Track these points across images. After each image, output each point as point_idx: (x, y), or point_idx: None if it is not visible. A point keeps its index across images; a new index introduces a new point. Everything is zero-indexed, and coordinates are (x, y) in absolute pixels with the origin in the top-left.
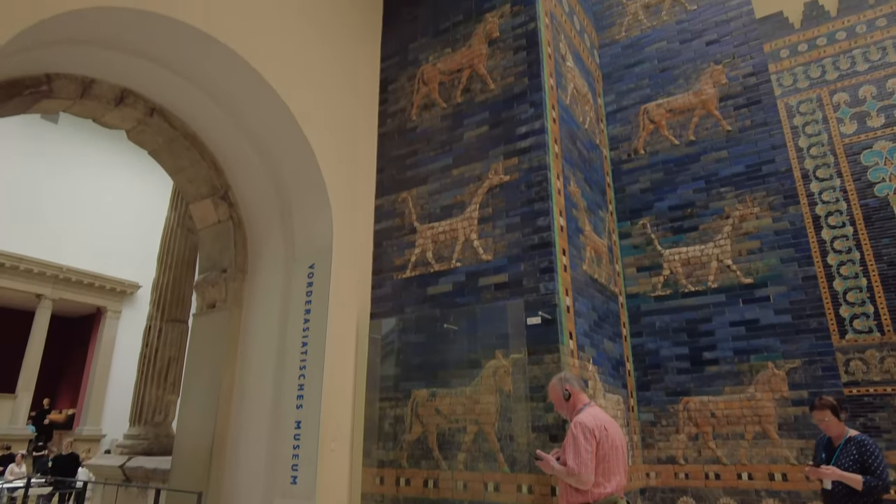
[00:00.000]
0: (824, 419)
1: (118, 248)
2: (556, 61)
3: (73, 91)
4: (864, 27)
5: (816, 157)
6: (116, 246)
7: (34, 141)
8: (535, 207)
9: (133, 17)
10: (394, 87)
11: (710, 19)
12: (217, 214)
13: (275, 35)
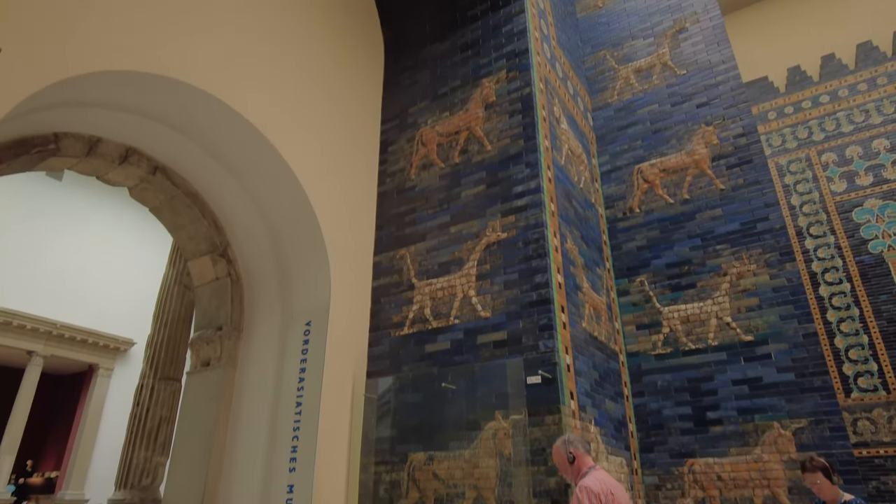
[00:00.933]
0: (816, 482)
1: (114, 305)
2: (550, 124)
3: (80, 149)
4: (845, 91)
5: (809, 214)
6: (113, 302)
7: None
8: (532, 264)
9: (138, 79)
10: (393, 148)
11: (699, 83)
12: (215, 271)
13: (278, 97)
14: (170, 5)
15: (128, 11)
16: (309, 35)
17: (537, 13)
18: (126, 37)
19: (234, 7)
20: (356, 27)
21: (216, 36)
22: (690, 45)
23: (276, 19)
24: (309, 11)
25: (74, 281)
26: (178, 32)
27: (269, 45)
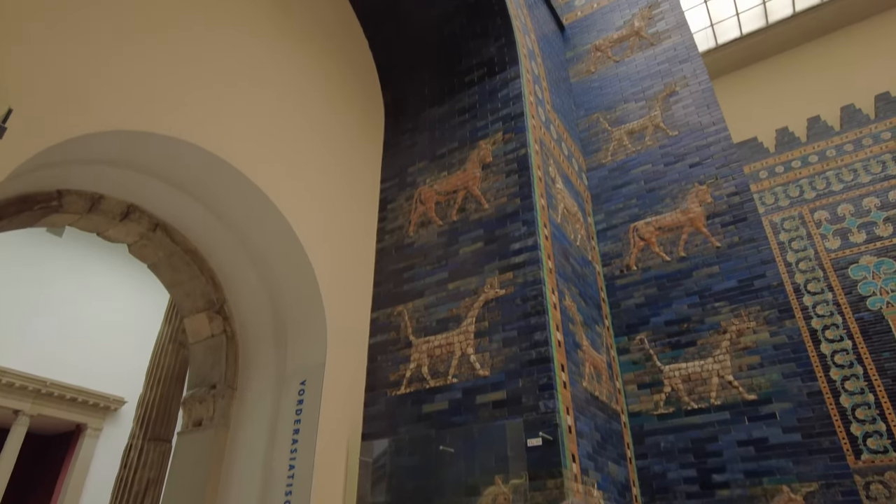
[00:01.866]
0: None
1: (106, 362)
2: (546, 183)
3: (82, 206)
4: (833, 151)
5: (806, 271)
6: (105, 359)
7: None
8: (531, 321)
9: (143, 138)
10: (393, 206)
11: (691, 144)
12: (211, 328)
13: (280, 156)
14: (173, 66)
15: (134, 72)
16: (312, 97)
17: (532, 79)
18: (131, 96)
19: (237, 68)
20: (358, 91)
21: (218, 95)
22: (681, 107)
23: (278, 81)
24: (312, 74)
25: (67, 337)
26: (181, 92)
27: (272, 104)
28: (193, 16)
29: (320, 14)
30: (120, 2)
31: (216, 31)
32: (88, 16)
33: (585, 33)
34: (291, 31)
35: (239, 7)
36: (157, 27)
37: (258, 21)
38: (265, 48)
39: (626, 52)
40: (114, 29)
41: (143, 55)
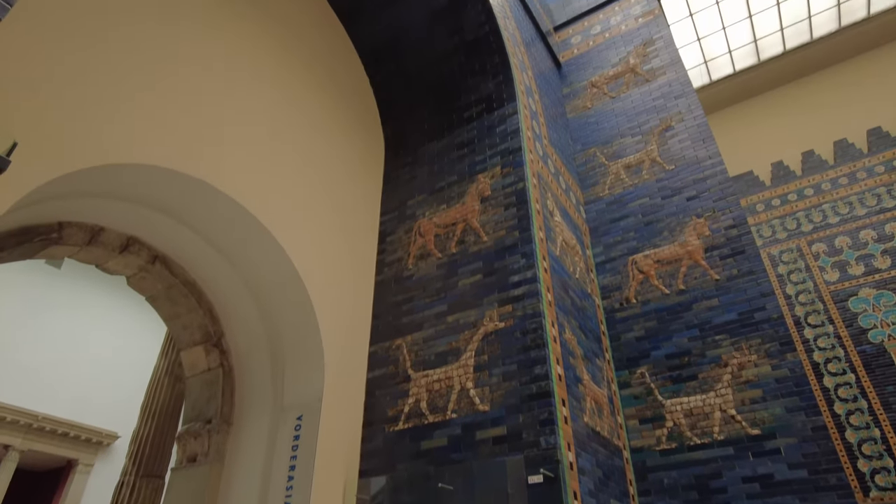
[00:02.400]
0: None
1: (100, 396)
2: (544, 216)
3: (82, 238)
4: (828, 185)
5: (805, 303)
6: (99, 393)
7: (31, 285)
8: (531, 355)
9: (145, 172)
10: (392, 238)
11: (687, 178)
12: (208, 361)
13: (281, 189)
14: (175, 100)
15: (136, 106)
16: (312, 131)
17: (529, 114)
18: (133, 130)
19: (239, 103)
20: (358, 125)
21: (219, 129)
22: (677, 141)
23: (280, 115)
24: (313, 109)
25: (61, 370)
26: (182, 126)
27: (273, 138)
28: (195, 52)
29: (322, 51)
30: (122, 38)
31: (217, 67)
32: (91, 51)
33: (582, 70)
34: (293, 66)
35: (240, 44)
36: (160, 63)
37: (260, 57)
38: (267, 83)
39: (622, 89)
40: (116, 64)
41: (146, 90)
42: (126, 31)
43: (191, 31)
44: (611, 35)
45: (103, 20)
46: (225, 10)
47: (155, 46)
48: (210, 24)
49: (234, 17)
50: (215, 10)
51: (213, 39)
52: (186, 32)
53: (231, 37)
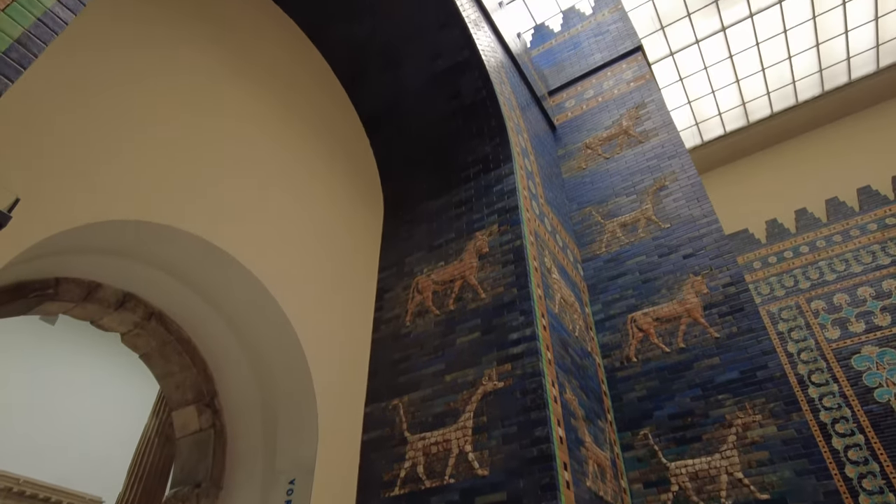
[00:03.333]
0: None
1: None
2: (542, 274)
3: (78, 294)
4: (823, 242)
5: (808, 361)
6: (85, 455)
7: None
8: (531, 416)
9: (144, 228)
10: (390, 295)
11: (683, 236)
12: (199, 422)
13: (279, 247)
14: (175, 157)
15: (136, 162)
16: (311, 189)
17: (525, 174)
18: (133, 186)
19: (239, 161)
20: (357, 184)
21: (219, 186)
22: (672, 200)
23: (280, 173)
24: (312, 167)
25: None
26: (181, 182)
27: (272, 196)
28: (195, 108)
29: (323, 111)
30: (121, 94)
31: (217, 125)
32: (90, 107)
33: (576, 132)
34: (294, 125)
35: (242, 102)
36: (160, 119)
37: (261, 116)
38: (267, 141)
39: (616, 150)
40: (115, 120)
41: (145, 147)
42: (125, 89)
43: (192, 88)
44: (604, 99)
45: (103, 79)
46: (226, 68)
47: (154, 104)
48: (211, 80)
49: (236, 74)
50: (216, 68)
51: (213, 97)
52: (187, 89)
53: (232, 95)
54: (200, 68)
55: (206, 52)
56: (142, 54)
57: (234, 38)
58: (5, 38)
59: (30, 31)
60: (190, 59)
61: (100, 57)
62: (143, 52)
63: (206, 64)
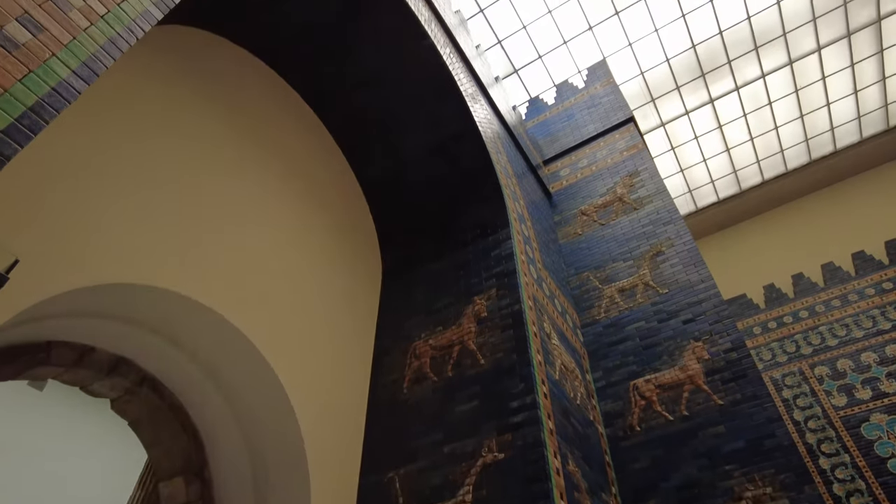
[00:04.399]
0: None
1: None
2: (541, 339)
3: (69, 359)
4: (822, 307)
5: (816, 430)
6: None
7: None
8: (533, 489)
9: (142, 292)
10: (387, 360)
11: (682, 301)
12: (188, 494)
13: (273, 310)
14: (170, 219)
15: (131, 225)
16: (309, 252)
17: (522, 240)
18: (130, 249)
19: (236, 223)
20: (356, 248)
21: (216, 252)
22: (669, 266)
23: (278, 237)
24: (312, 230)
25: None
26: (177, 248)
27: (269, 259)
28: (192, 170)
29: (322, 176)
30: (114, 156)
31: (215, 187)
32: (82, 170)
33: (571, 199)
34: (293, 187)
35: (242, 165)
36: (158, 181)
37: (260, 179)
38: (266, 205)
39: (612, 216)
40: (109, 182)
41: (143, 209)
42: (123, 150)
43: (190, 151)
44: (598, 168)
45: (101, 140)
46: (226, 131)
47: (152, 166)
48: (211, 143)
49: (232, 139)
50: (216, 131)
51: (212, 160)
52: (185, 152)
53: (231, 158)
54: (199, 131)
55: (205, 115)
56: (140, 116)
57: (234, 102)
58: (19, 105)
59: (43, 99)
60: (189, 122)
61: (97, 119)
62: (141, 114)
63: (205, 126)
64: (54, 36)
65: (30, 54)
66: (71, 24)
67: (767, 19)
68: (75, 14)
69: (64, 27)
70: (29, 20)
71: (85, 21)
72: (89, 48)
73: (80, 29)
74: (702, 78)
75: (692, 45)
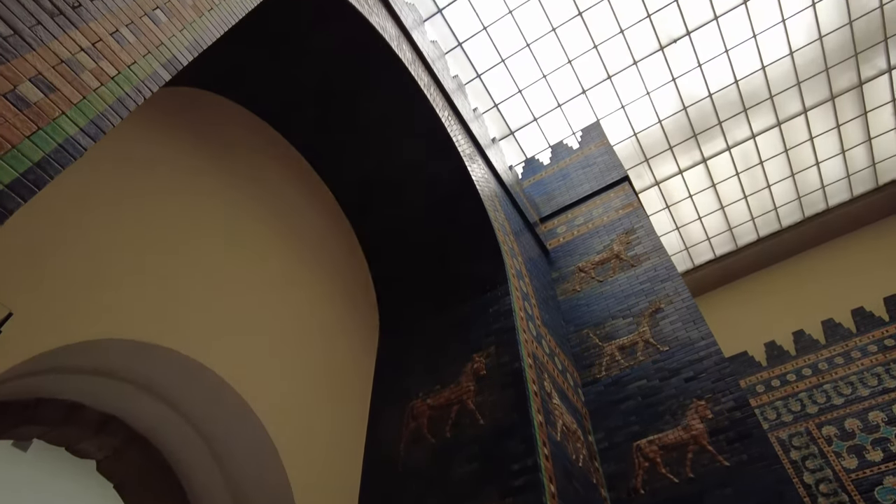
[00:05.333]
0: None
1: None
2: (542, 398)
3: (58, 416)
4: (825, 364)
5: (829, 494)
6: None
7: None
8: None
9: (138, 348)
10: (383, 420)
11: (683, 359)
12: None
13: (267, 367)
14: (162, 278)
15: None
16: (307, 310)
17: (521, 296)
18: (125, 304)
19: (231, 284)
20: (355, 304)
21: (210, 308)
22: (669, 323)
23: (272, 296)
24: (309, 288)
25: None
26: (171, 304)
27: (263, 317)
28: (185, 230)
29: (321, 233)
30: (110, 214)
31: (209, 246)
32: (76, 228)
33: (569, 256)
34: (289, 243)
35: (237, 222)
36: (154, 239)
37: (256, 235)
38: (261, 262)
39: (609, 273)
40: (106, 240)
41: (138, 267)
42: (114, 212)
43: (181, 214)
44: (594, 225)
45: (89, 202)
46: (223, 189)
47: (146, 223)
48: (202, 204)
49: (229, 197)
50: (214, 191)
51: (203, 220)
52: (176, 214)
53: (224, 217)
54: (195, 188)
55: (202, 173)
56: (137, 177)
57: (231, 157)
58: (25, 161)
59: (50, 155)
60: (185, 181)
61: (93, 177)
62: (139, 174)
63: (201, 184)
64: (65, 95)
65: (40, 112)
66: (82, 84)
67: (754, 83)
68: (87, 75)
69: (75, 87)
70: (42, 80)
71: (95, 82)
72: (98, 107)
73: (91, 89)
74: (694, 138)
75: (683, 108)
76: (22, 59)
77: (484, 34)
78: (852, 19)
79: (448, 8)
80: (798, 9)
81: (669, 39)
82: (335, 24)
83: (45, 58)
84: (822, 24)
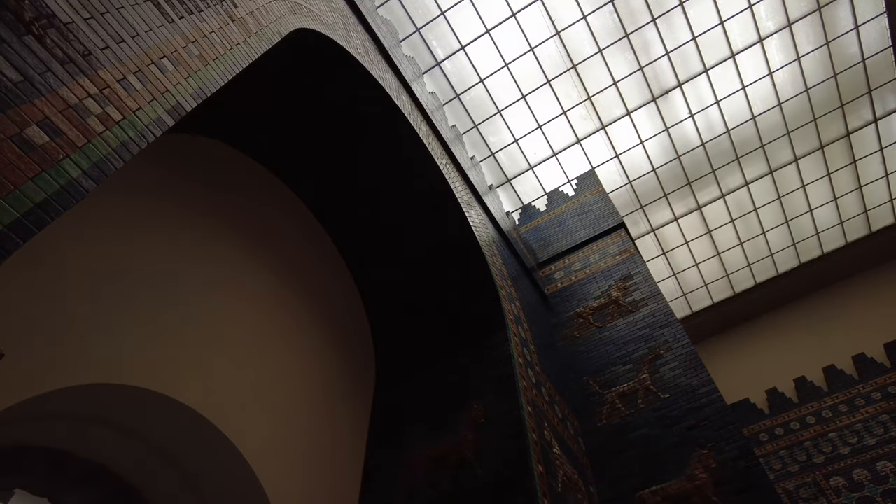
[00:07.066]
0: None
1: None
2: (543, 448)
3: (44, 466)
4: (829, 412)
5: None
6: None
7: None
8: None
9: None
10: (379, 471)
11: (684, 406)
12: None
13: (261, 415)
14: (160, 324)
15: (123, 330)
16: (304, 359)
17: (520, 342)
18: (118, 351)
19: (227, 330)
20: (351, 353)
21: (208, 357)
22: (669, 370)
23: (269, 343)
24: (306, 336)
25: None
26: (173, 353)
27: (261, 367)
28: (177, 274)
29: (319, 279)
30: (99, 255)
31: (205, 296)
32: (68, 274)
33: (567, 302)
34: (287, 289)
35: (232, 266)
36: (142, 281)
37: (252, 280)
38: (258, 308)
39: (608, 319)
40: (103, 285)
41: (136, 315)
42: (103, 252)
43: (172, 256)
44: (591, 271)
45: (85, 244)
46: (212, 233)
47: (135, 269)
48: (199, 241)
49: (223, 241)
50: (202, 239)
51: (197, 265)
52: (167, 256)
53: (218, 261)
54: (187, 224)
55: (196, 212)
56: (124, 217)
57: (227, 202)
58: (27, 202)
59: (52, 197)
60: (178, 214)
61: (90, 222)
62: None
63: (195, 224)
64: (70, 139)
65: (45, 155)
66: (87, 128)
67: (746, 132)
68: (93, 120)
69: (80, 131)
70: (48, 125)
71: (101, 126)
72: (102, 151)
73: (96, 133)
74: (688, 186)
75: (677, 156)
76: (31, 104)
77: (481, 86)
78: (837, 72)
79: (446, 61)
80: (784, 62)
81: (662, 90)
82: (338, 70)
83: (53, 103)
84: (807, 76)
